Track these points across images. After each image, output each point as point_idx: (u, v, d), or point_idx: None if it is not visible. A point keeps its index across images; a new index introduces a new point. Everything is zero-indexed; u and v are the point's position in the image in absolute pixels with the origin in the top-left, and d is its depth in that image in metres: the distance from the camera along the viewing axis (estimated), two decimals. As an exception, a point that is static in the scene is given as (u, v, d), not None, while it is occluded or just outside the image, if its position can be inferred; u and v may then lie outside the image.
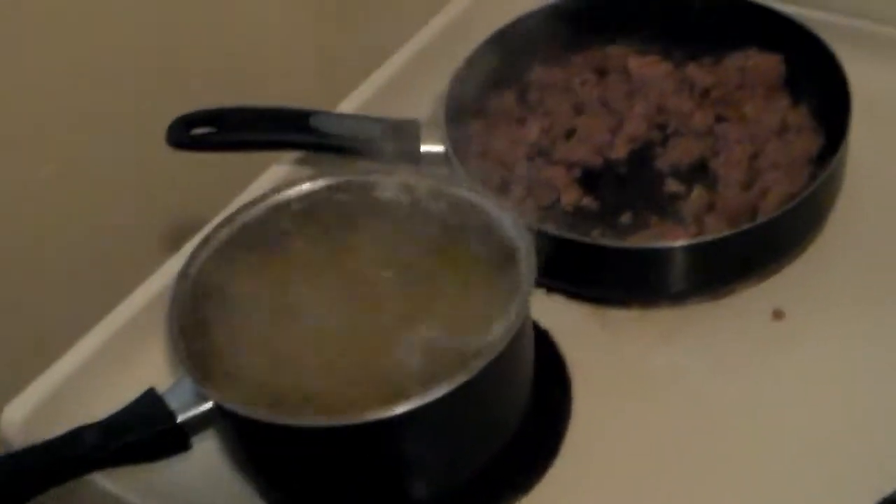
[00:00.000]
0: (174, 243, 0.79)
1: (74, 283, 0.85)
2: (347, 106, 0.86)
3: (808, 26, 0.80)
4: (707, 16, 0.85)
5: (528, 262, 0.62)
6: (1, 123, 0.79)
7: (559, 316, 0.73)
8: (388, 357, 0.62)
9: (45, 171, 0.81)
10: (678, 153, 0.79)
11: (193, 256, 0.66)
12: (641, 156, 0.80)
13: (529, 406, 0.66)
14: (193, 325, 0.63)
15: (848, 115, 0.74)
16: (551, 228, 0.73)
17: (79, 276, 0.85)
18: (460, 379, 0.58)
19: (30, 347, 0.89)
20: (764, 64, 0.82)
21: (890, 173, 0.78)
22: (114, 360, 0.71)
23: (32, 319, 0.90)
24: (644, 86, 0.83)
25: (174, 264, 0.74)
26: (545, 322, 0.72)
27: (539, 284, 0.73)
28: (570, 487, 0.65)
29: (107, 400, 0.64)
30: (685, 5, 0.86)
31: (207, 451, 0.66)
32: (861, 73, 0.76)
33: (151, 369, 0.70)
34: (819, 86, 0.79)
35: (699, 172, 0.78)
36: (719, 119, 0.81)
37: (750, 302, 0.73)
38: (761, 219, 0.71)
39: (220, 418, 0.60)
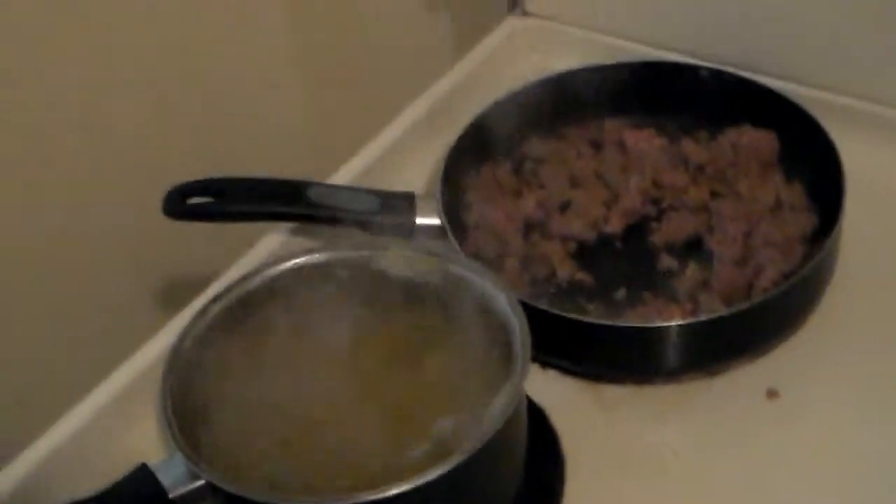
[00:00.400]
0: (168, 310, 0.78)
1: (66, 349, 0.85)
2: (342, 177, 0.86)
3: (800, 104, 0.81)
4: (702, 91, 0.86)
5: (523, 343, 0.62)
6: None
7: (553, 392, 0.73)
8: (381, 438, 0.62)
9: (39, 238, 0.81)
10: (673, 229, 0.79)
11: (186, 331, 0.66)
12: (636, 230, 0.80)
13: (523, 483, 0.66)
14: (185, 401, 0.63)
15: (841, 196, 0.74)
16: (546, 305, 0.73)
17: (71, 343, 0.85)
18: (454, 461, 0.57)
19: (17, 417, 0.89)
20: (758, 140, 0.83)
21: (883, 251, 0.79)
22: (105, 431, 0.71)
23: (21, 386, 0.89)
24: (639, 160, 0.84)
25: (167, 334, 0.74)
26: (539, 397, 0.72)
27: (533, 360, 0.73)
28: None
29: (98, 473, 0.63)
30: (680, 81, 0.87)
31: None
32: (854, 151, 0.77)
33: (143, 441, 0.70)
34: (812, 163, 0.79)
35: (694, 248, 0.78)
36: (714, 195, 0.81)
37: (744, 380, 0.72)
38: (756, 299, 0.72)
39: (212, 496, 0.60)
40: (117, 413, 0.72)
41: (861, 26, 0.84)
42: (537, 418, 0.71)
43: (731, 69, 0.86)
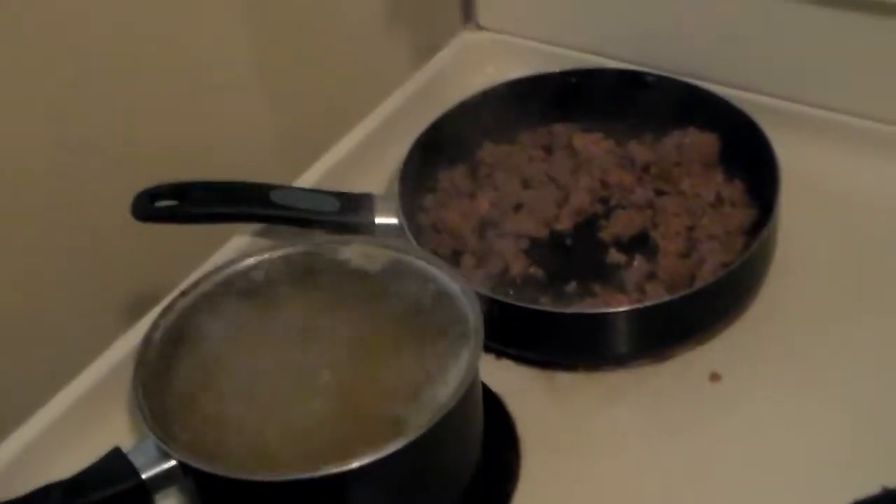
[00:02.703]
0: (136, 311, 0.81)
1: (37, 347, 0.87)
2: (305, 180, 0.89)
3: (740, 107, 0.86)
4: (647, 96, 0.90)
5: (475, 327, 0.66)
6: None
7: (509, 379, 0.76)
8: (345, 422, 0.65)
9: (14, 240, 0.84)
10: (620, 225, 0.83)
11: (158, 321, 0.69)
12: (586, 228, 0.84)
13: (480, 466, 0.69)
14: (158, 387, 0.66)
15: (777, 190, 0.78)
16: (501, 296, 0.76)
17: (42, 341, 0.87)
18: (412, 436, 0.61)
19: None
20: (700, 142, 0.87)
21: (817, 242, 0.83)
22: (81, 421, 0.73)
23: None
24: (588, 162, 0.87)
25: (140, 329, 0.76)
26: (496, 385, 0.75)
27: (490, 350, 0.77)
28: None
29: (74, 459, 0.66)
30: (626, 87, 0.91)
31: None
32: (789, 150, 0.82)
33: (118, 431, 0.72)
34: (751, 162, 0.83)
35: (640, 243, 0.82)
36: (659, 193, 0.85)
37: (689, 364, 0.76)
38: (698, 285, 0.75)
39: (183, 476, 0.63)
40: (93, 404, 0.74)
41: (794, 36, 0.89)
42: (494, 404, 0.74)
43: (674, 75, 0.90)
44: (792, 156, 0.82)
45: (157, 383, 0.66)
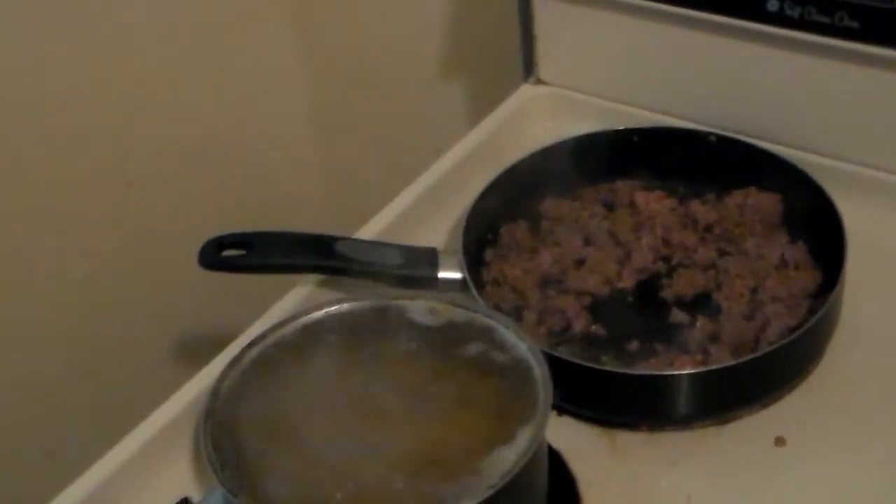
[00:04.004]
0: (194, 357, 0.82)
1: (100, 392, 0.88)
2: (365, 232, 0.90)
3: (804, 169, 0.86)
4: (709, 156, 0.90)
5: (544, 388, 0.66)
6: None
7: (570, 437, 0.76)
8: (409, 481, 0.65)
9: (76, 288, 0.85)
10: (683, 285, 0.83)
11: (225, 373, 0.69)
12: (648, 286, 0.84)
13: (542, 524, 0.69)
14: (224, 440, 0.66)
15: (843, 254, 0.78)
16: (564, 354, 0.76)
17: (105, 386, 0.88)
18: (480, 496, 0.61)
19: (48, 458, 0.92)
20: (763, 202, 0.87)
21: (882, 306, 0.82)
22: (144, 470, 0.74)
23: (53, 430, 0.93)
24: (650, 220, 0.88)
25: (204, 378, 0.77)
26: (556, 442, 0.75)
27: (551, 406, 0.77)
28: None
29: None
30: (689, 146, 0.91)
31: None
32: (854, 213, 0.81)
33: (181, 480, 0.73)
34: (815, 224, 0.83)
35: (703, 303, 0.81)
36: (721, 253, 0.85)
37: (753, 428, 0.76)
38: (763, 350, 0.75)
39: (250, 529, 0.63)
40: (153, 457, 0.75)
41: (857, 98, 0.89)
42: (555, 462, 0.74)
43: (736, 135, 0.90)
44: (855, 218, 0.81)
45: (224, 435, 0.67)
